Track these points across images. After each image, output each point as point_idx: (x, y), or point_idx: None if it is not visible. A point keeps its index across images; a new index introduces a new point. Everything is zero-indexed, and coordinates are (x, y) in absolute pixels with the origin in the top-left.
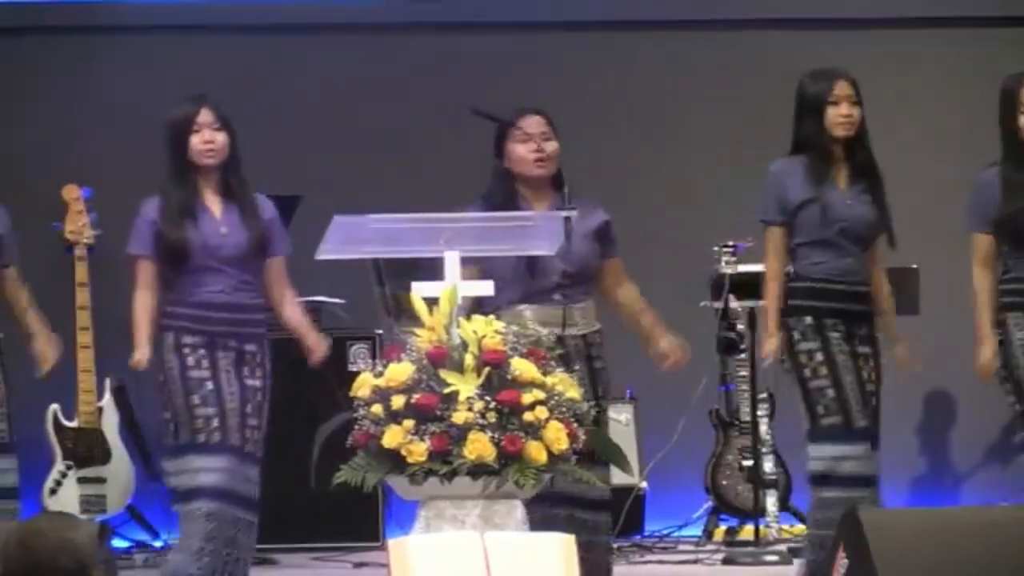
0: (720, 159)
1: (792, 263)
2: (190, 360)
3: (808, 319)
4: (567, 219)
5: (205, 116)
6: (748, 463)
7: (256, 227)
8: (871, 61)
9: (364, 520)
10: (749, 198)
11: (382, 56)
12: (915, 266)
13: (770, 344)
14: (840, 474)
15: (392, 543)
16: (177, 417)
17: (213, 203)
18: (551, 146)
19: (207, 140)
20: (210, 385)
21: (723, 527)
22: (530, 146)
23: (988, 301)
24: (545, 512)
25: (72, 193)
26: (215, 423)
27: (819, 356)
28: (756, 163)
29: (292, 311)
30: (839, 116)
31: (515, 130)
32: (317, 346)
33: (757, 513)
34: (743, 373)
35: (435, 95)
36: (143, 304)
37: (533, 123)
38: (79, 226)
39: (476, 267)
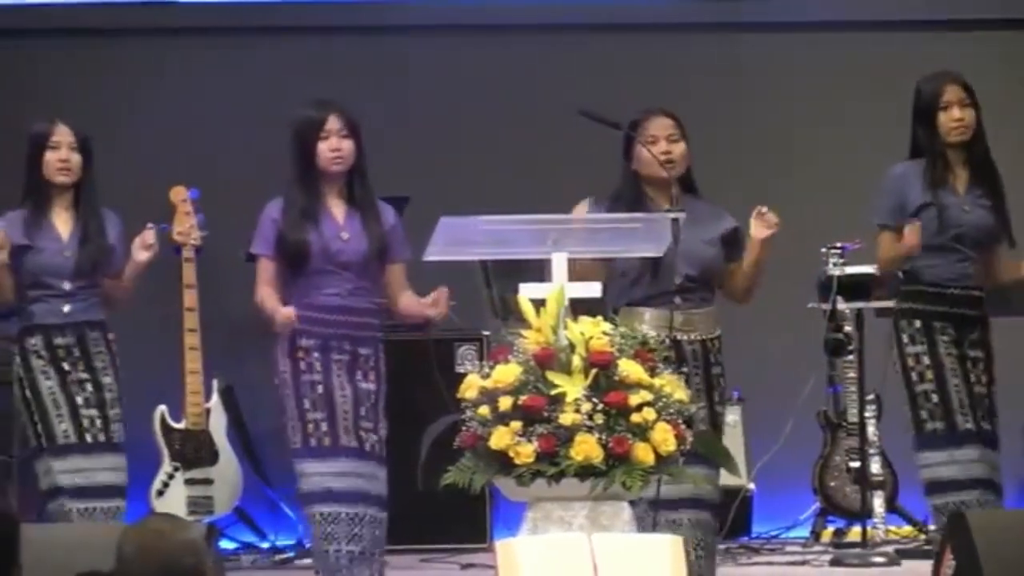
0: (829, 159)
1: (905, 265)
2: (303, 364)
3: (917, 323)
4: (675, 221)
5: (333, 123)
6: (855, 464)
7: (377, 234)
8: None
9: (472, 522)
10: (857, 199)
11: (491, 57)
12: None
13: None
14: (944, 479)
15: (500, 544)
16: (291, 421)
17: (336, 208)
18: (678, 148)
19: (334, 148)
20: (321, 389)
21: (830, 528)
22: (657, 148)
23: None
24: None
25: (179, 195)
26: (324, 427)
27: (926, 360)
28: (866, 164)
29: (407, 300)
30: (951, 121)
31: (642, 132)
32: (436, 307)
33: (864, 514)
34: (851, 374)
35: (543, 96)
36: (269, 297)
37: (660, 125)
38: (186, 227)
39: (602, 265)
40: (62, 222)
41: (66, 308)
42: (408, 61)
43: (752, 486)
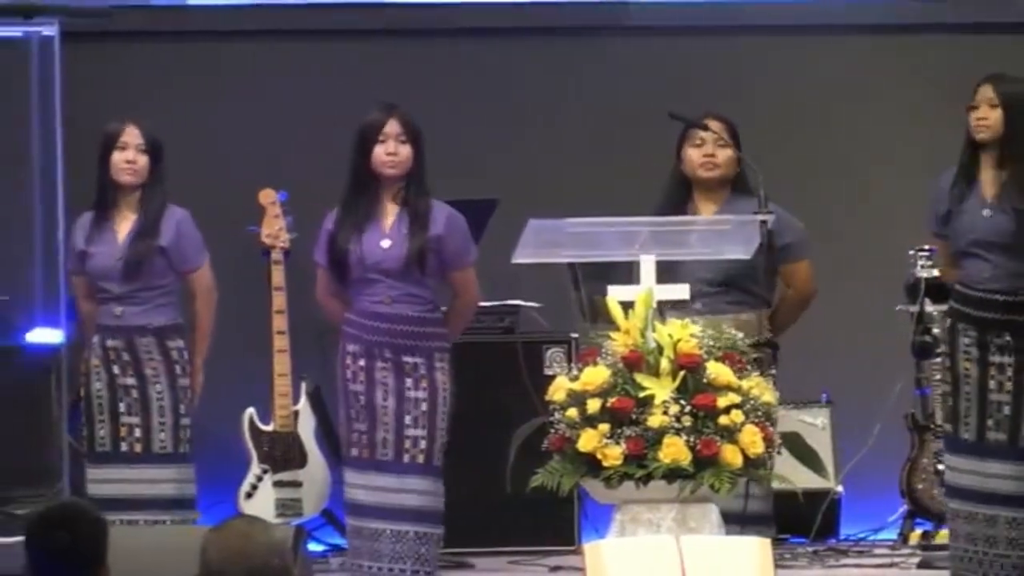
0: (919, 161)
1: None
2: (350, 372)
3: (947, 322)
4: (763, 223)
5: (392, 127)
6: (943, 467)
7: (420, 241)
8: None
9: (559, 524)
10: None
11: (579, 59)
12: None
13: None
14: (954, 485)
15: (587, 547)
16: (341, 428)
17: (389, 213)
18: (723, 152)
19: (391, 152)
20: (363, 400)
21: (918, 531)
22: (702, 150)
23: None
24: None
25: (268, 197)
26: (364, 439)
27: (946, 363)
28: (950, 165)
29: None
30: (974, 120)
31: (692, 133)
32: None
33: None
34: (938, 377)
35: (633, 98)
36: (331, 309)
37: (711, 128)
38: (275, 230)
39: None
40: (124, 224)
41: (118, 311)
42: (497, 63)
43: (840, 489)
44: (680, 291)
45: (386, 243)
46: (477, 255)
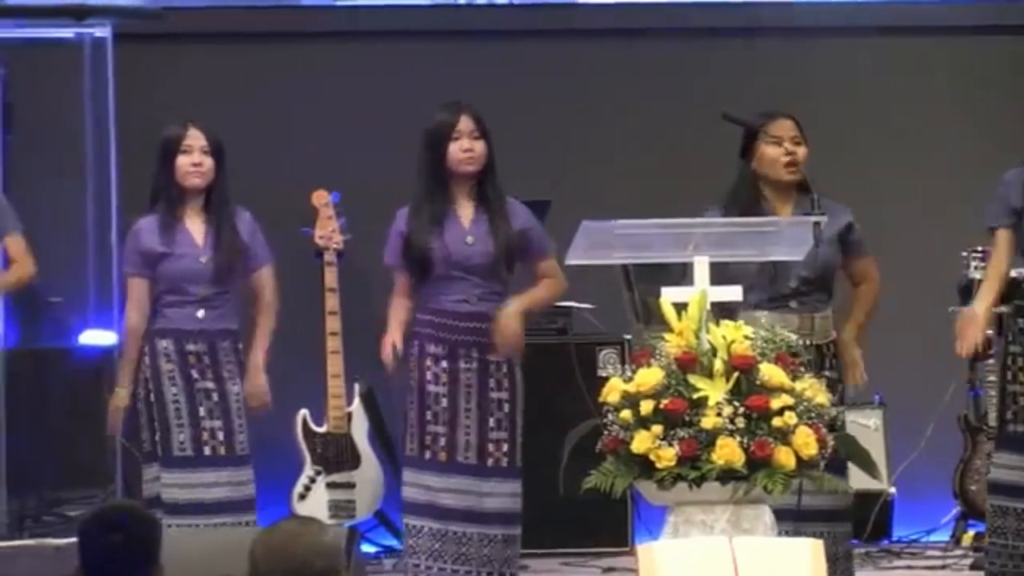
0: (972, 162)
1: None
2: (429, 374)
3: (1020, 321)
4: (816, 224)
5: (465, 124)
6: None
7: (504, 236)
8: None
9: (613, 525)
10: None
11: (633, 60)
12: None
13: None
14: (1012, 483)
15: (641, 548)
16: (411, 428)
17: (466, 210)
18: (801, 150)
19: (466, 148)
20: (445, 402)
21: (971, 533)
22: (781, 149)
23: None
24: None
25: (321, 198)
26: (443, 442)
27: (1020, 361)
28: (1005, 167)
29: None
30: None
31: (765, 133)
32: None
33: None
34: (991, 378)
35: (685, 99)
36: (396, 310)
37: (785, 127)
38: (328, 231)
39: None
40: (195, 227)
41: (200, 314)
42: (548, 64)
43: (893, 490)
44: (733, 292)
45: (470, 239)
46: None
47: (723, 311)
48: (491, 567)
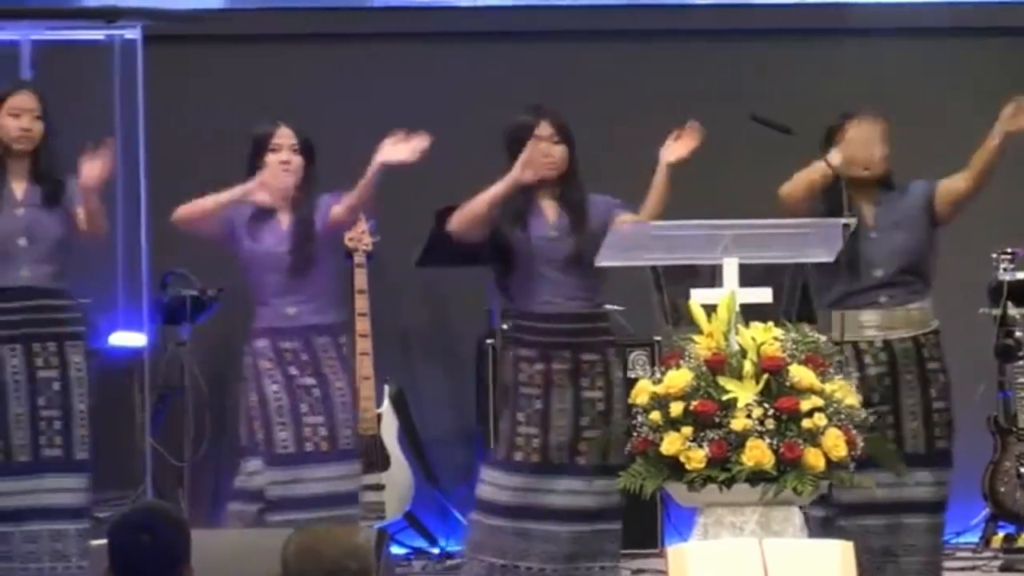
0: (1002, 165)
1: None
2: (523, 376)
3: None
4: (846, 226)
5: (544, 129)
6: None
7: (585, 234)
8: None
9: (643, 527)
10: None
11: (664, 60)
12: None
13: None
14: None
15: (671, 550)
16: (503, 430)
17: (549, 208)
18: (878, 149)
19: (546, 154)
20: (539, 404)
21: (1001, 534)
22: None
23: None
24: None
25: None
26: (535, 443)
27: None
28: None
29: None
30: None
31: (844, 132)
32: None
33: None
34: (1021, 380)
35: (718, 100)
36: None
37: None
38: (358, 233)
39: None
40: (285, 222)
41: (291, 311)
42: (589, 66)
43: None
44: (763, 294)
45: (554, 233)
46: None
47: (804, 309)
48: (590, 561)
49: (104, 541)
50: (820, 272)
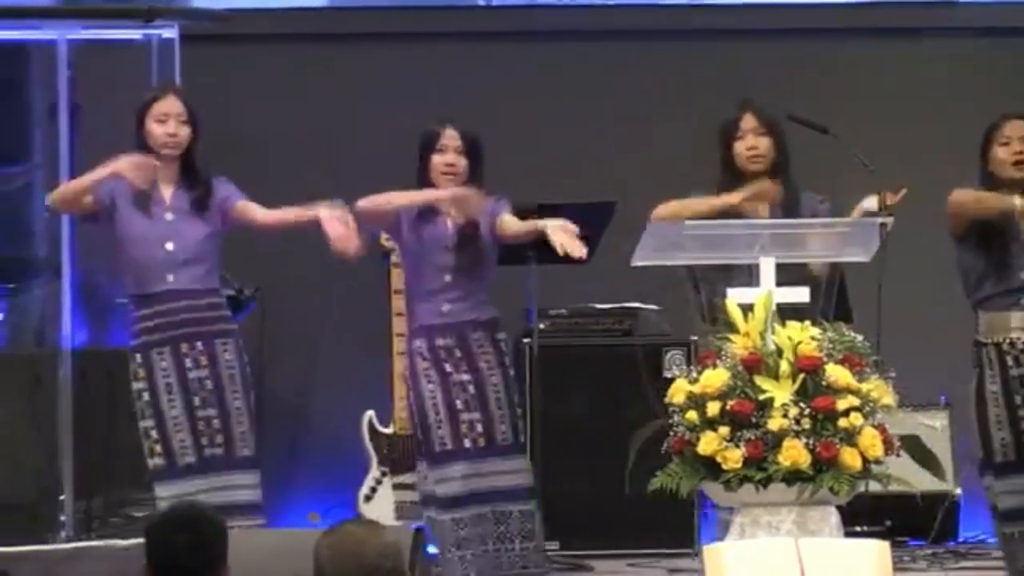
0: None
1: None
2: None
3: None
4: (883, 225)
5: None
6: None
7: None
8: None
9: (679, 526)
10: None
11: (692, 60)
12: None
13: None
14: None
15: (707, 550)
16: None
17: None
18: None
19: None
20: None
21: None
22: (1010, 149)
23: None
24: None
25: None
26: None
27: None
28: None
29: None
30: None
31: (998, 133)
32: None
33: None
34: None
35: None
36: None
37: (1015, 127)
38: None
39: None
40: (451, 221)
41: (445, 308)
42: (610, 63)
43: (959, 491)
44: (800, 294)
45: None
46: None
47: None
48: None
49: (140, 540)
50: (969, 271)
